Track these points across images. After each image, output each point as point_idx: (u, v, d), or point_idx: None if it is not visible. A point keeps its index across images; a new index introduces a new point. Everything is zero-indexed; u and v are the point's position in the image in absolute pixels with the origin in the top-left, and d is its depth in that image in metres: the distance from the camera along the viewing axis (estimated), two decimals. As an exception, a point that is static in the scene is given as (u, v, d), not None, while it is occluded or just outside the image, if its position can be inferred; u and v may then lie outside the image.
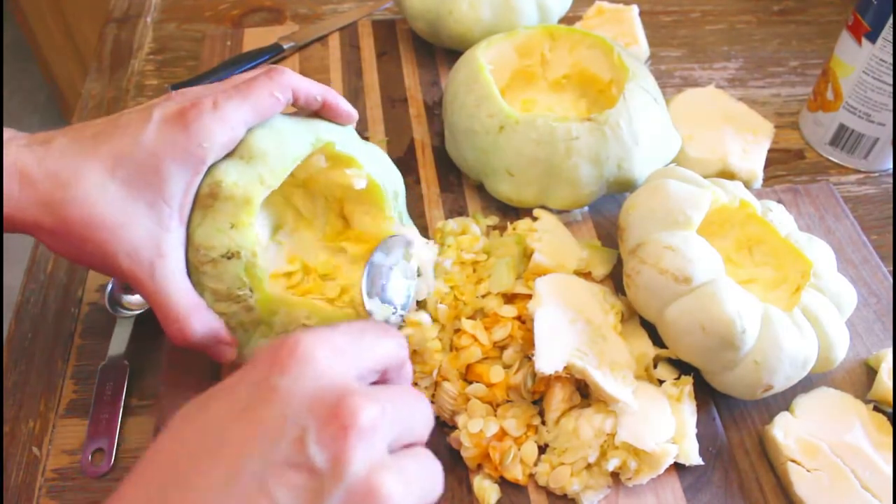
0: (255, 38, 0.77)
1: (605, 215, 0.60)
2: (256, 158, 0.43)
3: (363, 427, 0.27)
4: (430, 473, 0.30)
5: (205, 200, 0.42)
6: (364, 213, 0.51)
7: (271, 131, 0.44)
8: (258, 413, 0.28)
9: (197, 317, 0.42)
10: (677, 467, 0.46)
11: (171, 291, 0.41)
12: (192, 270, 0.43)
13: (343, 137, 0.48)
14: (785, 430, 0.47)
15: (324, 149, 0.47)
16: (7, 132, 0.41)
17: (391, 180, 0.51)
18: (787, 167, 0.68)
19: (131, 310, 0.54)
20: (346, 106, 0.48)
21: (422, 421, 0.32)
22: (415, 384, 0.48)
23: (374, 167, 0.50)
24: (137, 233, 0.40)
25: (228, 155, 0.43)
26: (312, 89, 0.46)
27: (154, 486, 0.28)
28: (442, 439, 0.48)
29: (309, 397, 0.28)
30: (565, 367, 0.45)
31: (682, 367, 0.49)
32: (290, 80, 0.44)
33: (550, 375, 0.45)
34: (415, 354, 0.48)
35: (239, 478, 0.26)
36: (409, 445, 0.31)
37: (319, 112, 0.48)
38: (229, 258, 0.42)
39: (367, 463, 0.27)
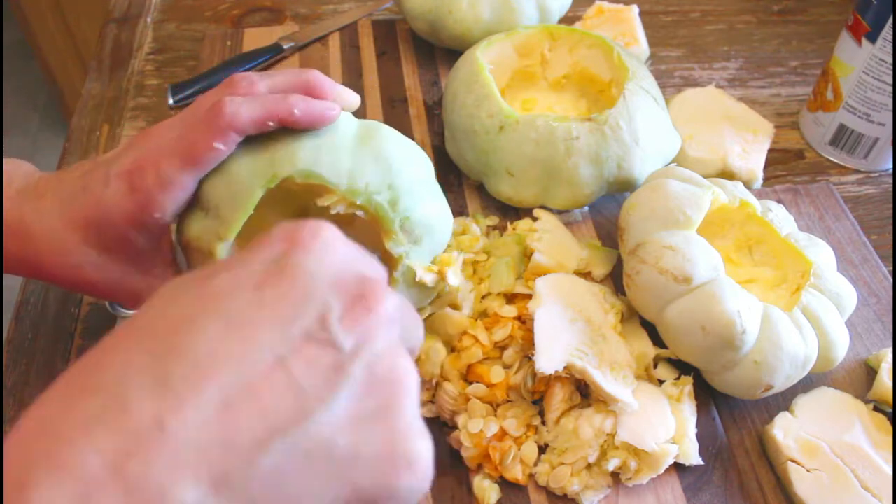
0: (255, 38, 0.77)
1: (605, 215, 0.60)
2: (212, 210, 0.42)
3: (387, 313, 0.27)
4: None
5: (184, 248, 0.44)
6: (366, 223, 0.45)
7: (224, 178, 0.41)
8: (277, 286, 0.26)
9: None
10: (677, 467, 0.46)
11: None
12: None
13: (313, 153, 0.41)
14: (785, 430, 0.47)
15: (283, 184, 0.41)
16: (25, 166, 0.44)
17: (389, 180, 0.43)
18: (787, 167, 0.68)
19: (131, 310, 0.54)
20: (312, 112, 0.41)
21: (420, 332, 0.32)
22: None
23: (363, 171, 0.42)
24: (130, 282, 0.43)
25: (193, 204, 0.42)
26: (259, 115, 0.40)
27: (144, 356, 0.24)
28: (442, 439, 0.48)
29: (334, 276, 0.27)
30: (565, 367, 0.45)
31: (682, 367, 0.49)
32: (230, 122, 0.39)
33: (550, 375, 0.45)
34: (418, 361, 0.48)
35: (253, 348, 0.25)
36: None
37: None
38: None
39: (388, 346, 0.27)
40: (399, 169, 0.44)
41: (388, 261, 0.45)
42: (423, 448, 0.27)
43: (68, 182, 0.42)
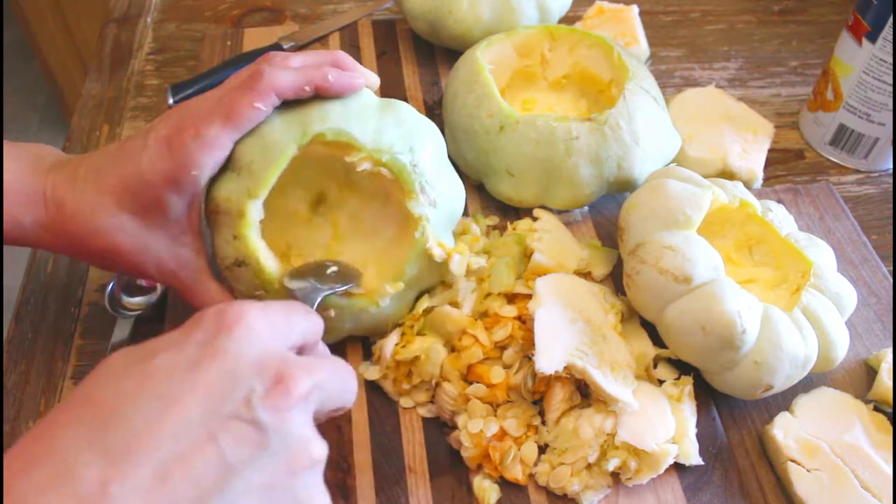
0: (255, 38, 0.77)
1: (605, 215, 0.60)
2: (243, 169, 0.44)
3: (302, 394, 0.31)
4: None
5: (212, 215, 0.45)
6: (391, 182, 0.48)
7: (257, 138, 0.44)
8: (207, 369, 0.29)
9: None
10: (677, 467, 0.46)
11: (199, 294, 0.46)
12: (221, 272, 0.47)
13: (341, 116, 0.45)
14: (785, 430, 0.47)
15: (315, 140, 0.44)
16: (42, 149, 0.46)
17: (410, 145, 0.47)
18: (787, 167, 0.68)
19: (131, 310, 0.54)
20: (342, 81, 0.45)
21: (349, 389, 0.35)
22: (415, 387, 0.48)
23: (386, 136, 0.46)
24: (157, 252, 0.44)
25: (224, 167, 0.44)
26: (298, 81, 0.44)
27: (89, 428, 0.28)
28: (442, 439, 0.48)
29: (255, 361, 0.30)
30: (565, 367, 0.45)
31: (682, 367, 0.49)
32: (270, 84, 0.43)
33: (550, 375, 0.45)
34: (417, 360, 0.48)
35: (187, 426, 0.28)
36: (335, 410, 0.35)
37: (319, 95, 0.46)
38: (239, 266, 0.45)
39: (303, 426, 0.31)
40: (421, 134, 0.48)
41: (410, 222, 0.48)
42: None
43: (102, 153, 0.45)
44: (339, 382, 0.34)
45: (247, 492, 0.29)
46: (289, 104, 0.45)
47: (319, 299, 0.44)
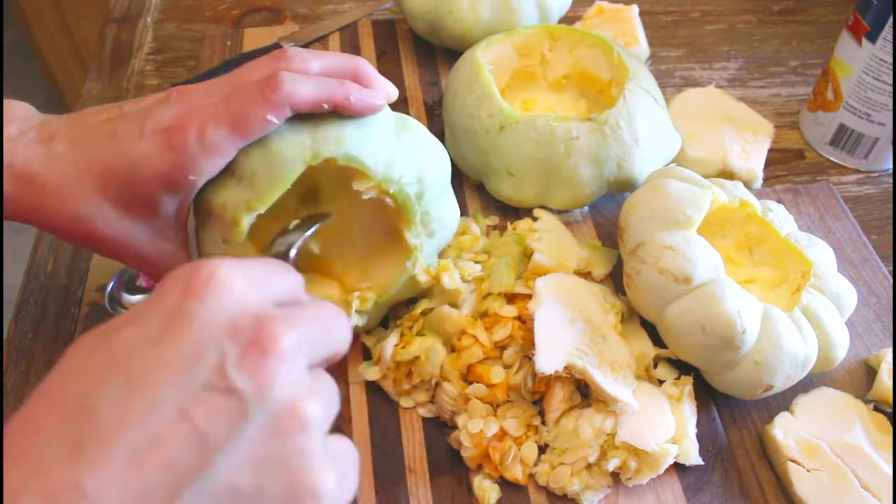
0: (255, 38, 0.77)
1: (605, 215, 0.60)
2: (245, 179, 0.41)
3: (284, 351, 0.27)
4: (335, 395, 0.31)
5: (202, 214, 0.43)
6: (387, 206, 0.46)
7: (263, 151, 0.41)
8: (173, 341, 0.27)
9: None
10: (677, 467, 0.46)
11: None
12: None
13: (356, 139, 0.43)
14: (785, 430, 0.47)
15: (323, 163, 0.42)
16: (15, 123, 0.41)
17: (418, 172, 0.45)
18: (787, 167, 0.68)
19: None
20: (363, 101, 0.42)
21: (340, 334, 0.32)
22: (415, 387, 0.48)
23: (397, 162, 0.44)
24: (137, 243, 0.42)
25: (223, 170, 0.42)
26: (316, 96, 0.40)
27: (56, 421, 0.26)
28: (442, 439, 0.48)
29: (227, 323, 0.27)
30: (565, 367, 0.45)
31: (682, 367, 0.49)
32: (287, 97, 0.40)
33: (550, 375, 0.45)
34: (417, 360, 0.48)
35: (157, 406, 0.25)
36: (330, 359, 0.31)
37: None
38: None
39: (290, 385, 0.27)
40: (429, 164, 0.46)
41: (404, 250, 0.47)
42: (327, 479, 0.28)
43: (87, 127, 0.41)
44: (327, 329, 0.31)
45: (233, 469, 0.26)
46: (302, 117, 0.42)
47: (295, 252, 0.42)
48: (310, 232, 0.44)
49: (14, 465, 0.25)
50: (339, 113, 0.42)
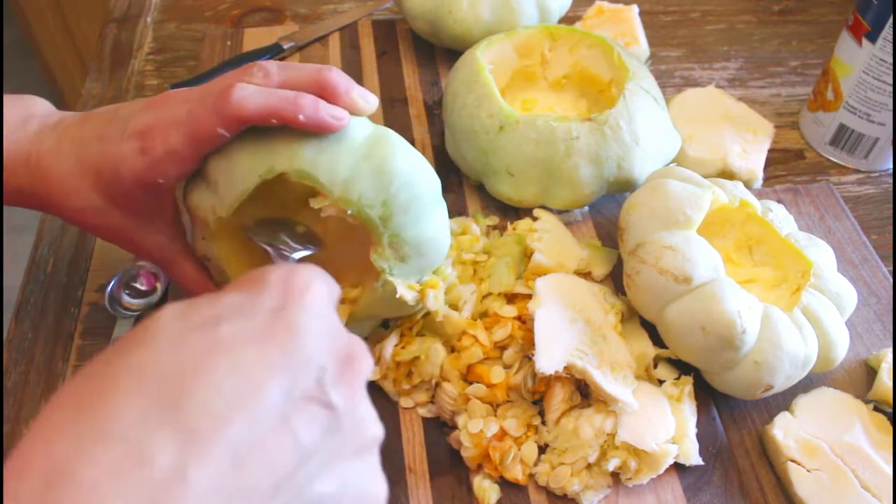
0: (255, 38, 0.77)
1: (605, 215, 0.60)
2: (211, 186, 0.43)
3: (365, 374, 0.30)
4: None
5: (188, 209, 0.46)
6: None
7: (223, 160, 0.42)
8: (281, 344, 0.27)
9: (203, 292, 0.45)
10: (677, 467, 0.46)
11: (177, 274, 0.48)
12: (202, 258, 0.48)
13: (315, 154, 0.41)
14: (785, 430, 0.47)
15: (277, 178, 0.41)
16: (36, 118, 0.45)
17: (385, 194, 0.42)
18: (787, 167, 0.68)
19: (131, 310, 0.54)
20: (314, 119, 0.40)
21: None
22: (415, 387, 0.48)
23: (357, 186, 0.41)
24: (131, 234, 0.45)
25: (197, 173, 0.44)
26: (265, 110, 0.40)
27: (158, 401, 0.24)
28: (442, 439, 0.48)
29: (327, 337, 0.29)
30: (565, 367, 0.45)
31: (682, 367, 0.49)
32: (237, 109, 0.39)
33: (550, 375, 0.45)
34: (417, 361, 0.48)
35: (261, 405, 0.26)
36: None
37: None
38: (208, 260, 0.47)
39: (366, 402, 0.30)
40: (399, 187, 0.42)
41: (371, 270, 0.45)
42: (384, 489, 0.31)
43: (88, 128, 0.44)
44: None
45: (319, 475, 0.27)
46: (261, 133, 0.41)
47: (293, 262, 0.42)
48: (304, 253, 0.44)
49: (108, 443, 0.23)
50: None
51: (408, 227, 0.44)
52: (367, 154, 0.42)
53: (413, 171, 0.43)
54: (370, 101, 0.43)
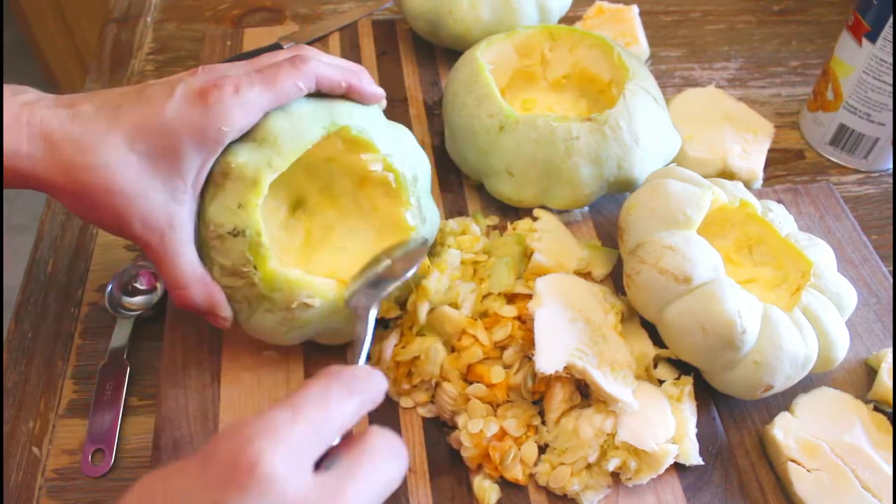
0: (255, 38, 0.77)
1: (605, 215, 0.60)
2: (268, 142, 0.44)
3: None
4: None
5: (217, 178, 0.44)
6: (384, 195, 0.50)
7: (286, 115, 0.45)
8: None
9: (198, 287, 0.44)
10: (677, 467, 0.46)
11: (178, 262, 0.44)
12: (203, 244, 0.45)
13: (363, 119, 0.48)
14: (785, 430, 0.47)
15: (338, 133, 0.47)
16: (31, 93, 0.43)
17: (411, 164, 0.50)
18: (787, 167, 0.68)
19: (131, 310, 0.54)
20: (371, 88, 0.49)
21: (397, 477, 0.35)
22: (415, 387, 0.48)
23: (394, 149, 0.49)
24: (152, 204, 0.42)
25: (244, 136, 0.44)
26: (336, 76, 0.46)
27: None
28: (442, 439, 0.48)
29: None
30: (565, 367, 0.45)
31: (682, 367, 0.49)
32: (314, 69, 0.45)
33: (550, 375, 0.45)
34: (417, 360, 0.48)
35: None
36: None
37: (345, 95, 0.48)
38: (235, 236, 0.44)
39: None
40: (418, 159, 0.51)
41: (380, 245, 0.50)
42: None
43: (110, 95, 0.43)
44: (386, 481, 0.34)
45: None
46: (316, 96, 0.47)
47: (377, 305, 0.45)
48: (397, 283, 0.46)
49: None
50: (348, 99, 0.48)
51: (424, 195, 0.51)
52: (394, 134, 0.50)
53: (422, 153, 0.52)
54: (384, 93, 0.50)
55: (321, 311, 0.46)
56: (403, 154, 0.50)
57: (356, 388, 0.35)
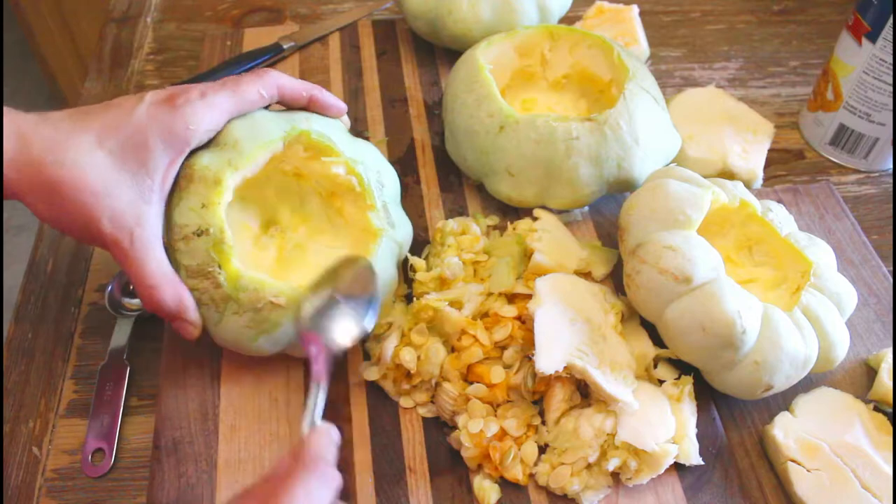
0: (255, 38, 0.77)
1: (605, 215, 0.60)
2: (229, 145, 0.46)
3: None
4: None
5: (181, 183, 0.45)
6: (352, 204, 0.51)
7: (247, 121, 0.47)
8: None
9: (168, 287, 0.44)
10: (677, 467, 0.46)
11: (147, 259, 0.43)
12: (169, 248, 0.45)
13: (324, 127, 0.50)
14: (785, 430, 0.47)
15: (299, 138, 0.49)
16: (7, 110, 0.44)
17: (375, 170, 0.51)
18: (787, 167, 0.68)
19: (131, 310, 0.54)
20: (332, 100, 0.51)
21: None
22: (415, 387, 0.48)
23: (357, 155, 0.51)
24: (120, 201, 0.42)
25: (207, 144, 0.46)
26: (297, 87, 0.49)
27: None
28: (442, 439, 0.48)
29: None
30: (565, 367, 0.45)
31: (682, 367, 0.49)
32: (276, 80, 0.48)
33: (551, 375, 0.45)
34: (418, 360, 0.48)
35: None
36: None
37: (307, 107, 0.51)
38: (199, 235, 0.45)
39: None
40: (383, 168, 0.53)
41: (369, 235, 0.50)
42: None
43: (83, 108, 0.45)
44: None
45: None
46: (278, 111, 0.50)
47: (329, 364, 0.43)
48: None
49: None
50: (308, 112, 0.51)
51: (393, 202, 0.52)
52: (357, 145, 0.52)
53: (390, 168, 0.54)
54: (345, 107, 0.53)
55: (289, 314, 0.45)
56: (366, 161, 0.51)
57: (332, 480, 0.38)
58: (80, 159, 0.42)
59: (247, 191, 0.49)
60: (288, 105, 0.50)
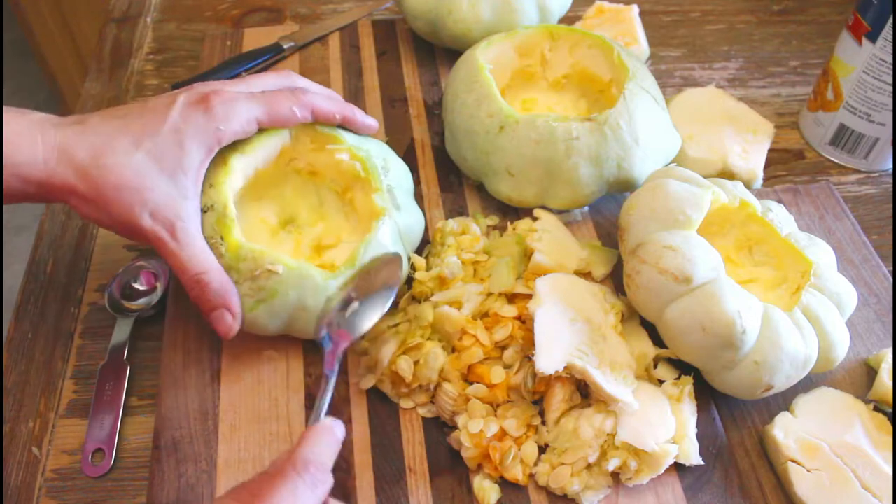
0: (255, 38, 0.77)
1: (605, 215, 0.60)
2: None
3: None
4: None
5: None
6: (361, 192, 0.53)
7: None
8: None
9: (215, 272, 0.46)
10: (677, 467, 0.46)
11: (193, 250, 0.46)
12: None
13: (330, 129, 0.53)
14: (785, 430, 0.47)
15: (304, 129, 0.52)
16: (37, 114, 0.47)
17: (382, 157, 0.54)
18: (787, 167, 0.68)
19: (131, 310, 0.54)
20: (365, 119, 0.55)
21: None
22: (413, 390, 0.48)
23: (362, 143, 0.54)
24: (160, 197, 0.45)
25: None
26: (331, 109, 0.52)
27: None
28: (442, 439, 0.48)
29: None
30: (565, 367, 0.45)
31: (682, 367, 0.49)
32: (311, 101, 0.51)
33: (551, 375, 0.45)
34: (417, 365, 0.48)
35: None
36: None
37: (340, 126, 0.54)
38: (205, 211, 0.48)
39: None
40: (393, 158, 0.55)
41: (374, 216, 0.51)
42: None
43: (118, 109, 0.48)
44: None
45: None
46: None
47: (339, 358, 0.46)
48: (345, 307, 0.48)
49: None
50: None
51: (400, 187, 0.54)
52: (365, 138, 0.55)
53: (402, 164, 0.56)
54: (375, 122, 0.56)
55: (286, 281, 0.47)
56: (370, 149, 0.54)
57: (321, 483, 0.39)
58: (120, 161, 0.45)
59: (264, 190, 0.54)
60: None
